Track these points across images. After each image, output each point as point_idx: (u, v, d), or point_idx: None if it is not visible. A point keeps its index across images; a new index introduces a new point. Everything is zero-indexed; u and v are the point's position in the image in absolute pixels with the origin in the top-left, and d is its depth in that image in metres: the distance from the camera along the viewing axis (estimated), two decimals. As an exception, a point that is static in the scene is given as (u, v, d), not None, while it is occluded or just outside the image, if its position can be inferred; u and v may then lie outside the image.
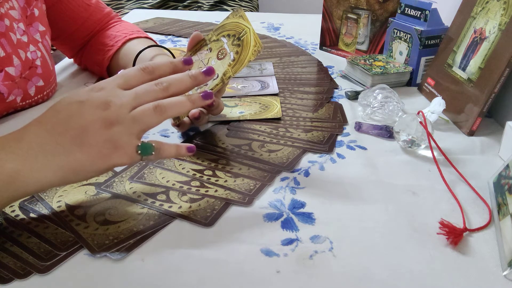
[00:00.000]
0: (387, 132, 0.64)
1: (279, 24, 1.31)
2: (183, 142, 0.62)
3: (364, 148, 0.62)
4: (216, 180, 0.53)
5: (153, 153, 0.44)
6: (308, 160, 0.58)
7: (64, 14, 0.78)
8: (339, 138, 0.64)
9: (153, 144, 0.44)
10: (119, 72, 0.48)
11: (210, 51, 0.59)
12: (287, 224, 0.46)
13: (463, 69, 0.71)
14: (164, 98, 0.46)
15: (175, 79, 0.47)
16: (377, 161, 0.58)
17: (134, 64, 0.71)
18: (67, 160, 0.41)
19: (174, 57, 0.75)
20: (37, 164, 0.40)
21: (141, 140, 0.44)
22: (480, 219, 0.48)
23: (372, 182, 0.54)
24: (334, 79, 0.87)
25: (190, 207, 0.48)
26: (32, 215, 0.46)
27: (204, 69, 0.48)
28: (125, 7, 1.97)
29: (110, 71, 0.80)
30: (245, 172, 0.55)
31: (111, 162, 0.43)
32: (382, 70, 0.81)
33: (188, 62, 0.49)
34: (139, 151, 0.44)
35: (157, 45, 0.76)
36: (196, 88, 0.58)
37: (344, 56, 1.00)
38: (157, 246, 0.43)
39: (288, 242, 0.44)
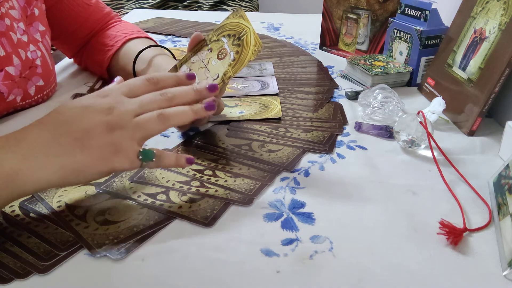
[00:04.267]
0: (387, 132, 0.64)
1: (279, 24, 1.31)
2: (183, 142, 0.62)
3: (364, 148, 0.62)
4: (216, 180, 0.53)
5: (153, 159, 0.45)
6: (308, 160, 0.58)
7: (64, 14, 0.78)
8: (339, 138, 0.64)
9: (154, 152, 0.45)
10: (116, 79, 0.50)
11: (211, 51, 0.59)
12: (287, 224, 0.46)
13: (463, 69, 0.71)
14: (167, 107, 0.47)
15: (180, 91, 0.48)
16: (377, 161, 0.58)
17: (134, 64, 0.71)
18: (68, 161, 0.41)
19: (174, 57, 0.75)
20: (37, 164, 0.40)
21: (142, 147, 0.45)
22: (480, 219, 0.48)
23: (372, 182, 0.54)
24: (334, 79, 0.87)
25: (190, 207, 0.48)
26: (32, 215, 0.46)
27: (208, 85, 0.50)
28: (125, 7, 1.97)
29: (110, 71, 0.80)
30: (245, 172, 0.55)
31: (111, 166, 0.43)
32: (382, 70, 0.81)
33: (191, 77, 0.51)
34: (140, 157, 0.44)
35: (157, 45, 0.76)
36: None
37: (344, 56, 1.00)
38: (157, 246, 0.43)
39: (288, 242, 0.44)
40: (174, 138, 0.63)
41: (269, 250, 0.42)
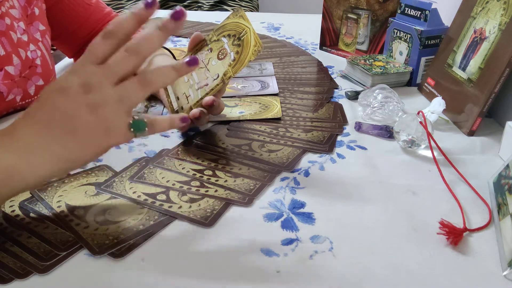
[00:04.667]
0: (387, 132, 0.64)
1: (279, 24, 1.31)
2: (183, 142, 0.62)
3: (364, 148, 0.62)
4: (216, 180, 0.53)
5: (146, 129, 0.43)
6: (308, 160, 0.58)
7: (64, 13, 0.78)
8: (339, 138, 0.64)
9: (145, 120, 0.43)
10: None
11: (211, 51, 0.59)
12: (287, 224, 0.46)
13: (463, 69, 0.71)
14: (139, 62, 0.43)
15: (143, 37, 0.43)
16: (377, 161, 0.58)
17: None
18: (62, 151, 0.41)
19: (174, 57, 0.75)
20: (34, 159, 0.40)
21: (133, 116, 0.43)
22: (480, 219, 0.48)
23: (372, 182, 0.54)
24: (334, 79, 0.87)
25: (190, 207, 0.48)
26: (32, 215, 0.46)
27: (172, 12, 0.44)
28: (125, 7, 1.97)
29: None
30: (245, 172, 0.55)
31: (106, 144, 0.43)
32: (382, 70, 0.81)
33: (150, 5, 0.44)
34: (132, 129, 0.43)
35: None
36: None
37: (344, 56, 1.00)
38: (157, 246, 0.43)
39: (288, 242, 0.44)
40: (174, 138, 0.63)
41: (269, 250, 0.42)
